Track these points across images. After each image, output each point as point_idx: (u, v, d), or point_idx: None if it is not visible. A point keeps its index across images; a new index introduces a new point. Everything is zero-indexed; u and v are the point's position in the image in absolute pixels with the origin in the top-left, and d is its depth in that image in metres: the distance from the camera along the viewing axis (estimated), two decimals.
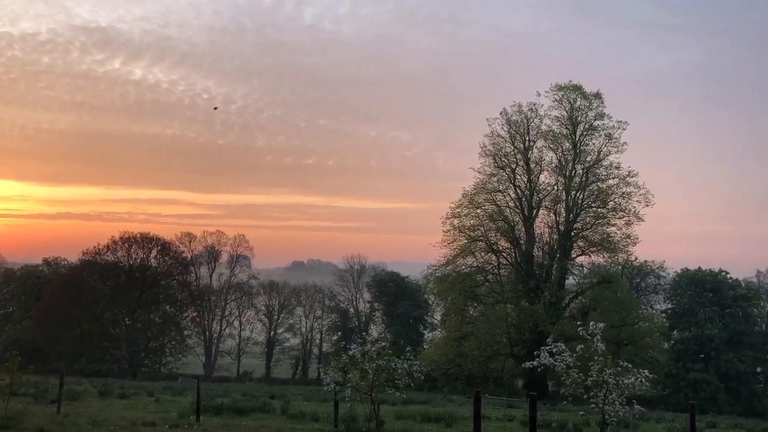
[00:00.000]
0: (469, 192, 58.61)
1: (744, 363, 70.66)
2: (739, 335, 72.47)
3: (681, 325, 74.82)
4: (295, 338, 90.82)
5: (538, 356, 15.53)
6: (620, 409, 14.55)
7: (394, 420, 20.44)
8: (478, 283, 59.97)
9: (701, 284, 75.91)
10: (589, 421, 20.59)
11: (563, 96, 58.06)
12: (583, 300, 58.77)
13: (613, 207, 56.86)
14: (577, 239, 58.63)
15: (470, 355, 54.87)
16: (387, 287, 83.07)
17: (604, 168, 57.72)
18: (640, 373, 14.74)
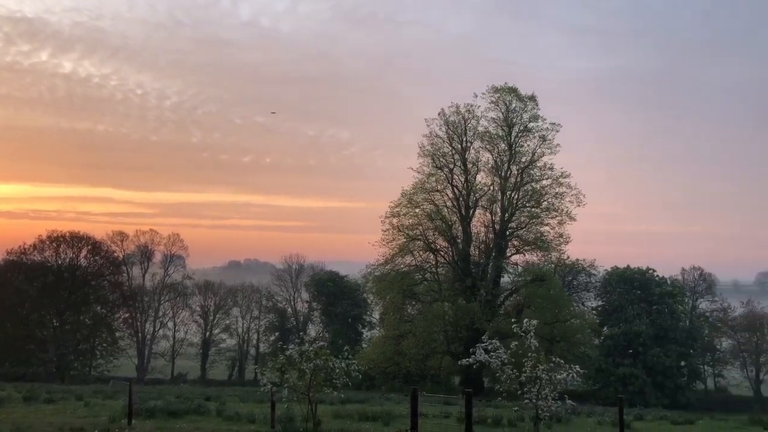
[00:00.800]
0: (408, 191, 59.06)
1: (669, 357, 73.66)
2: (664, 331, 75.41)
3: (611, 321, 77.34)
4: (232, 339, 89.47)
5: (474, 353, 15.78)
6: (553, 404, 14.94)
7: (332, 419, 20.39)
8: (417, 282, 60.50)
9: (630, 282, 78.69)
10: (523, 417, 21.08)
11: (499, 98, 59.14)
12: (517, 297, 60.04)
13: (546, 207, 58.31)
14: (512, 238, 59.86)
15: (408, 354, 55.31)
16: (325, 287, 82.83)
17: (538, 169, 59.10)
18: (571, 368, 15.17)
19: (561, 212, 57.85)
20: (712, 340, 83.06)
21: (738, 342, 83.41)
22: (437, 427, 19.76)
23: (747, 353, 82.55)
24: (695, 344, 79.11)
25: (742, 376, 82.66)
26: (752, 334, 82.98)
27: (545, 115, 59.27)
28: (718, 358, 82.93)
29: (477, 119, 59.41)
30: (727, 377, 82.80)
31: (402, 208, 58.58)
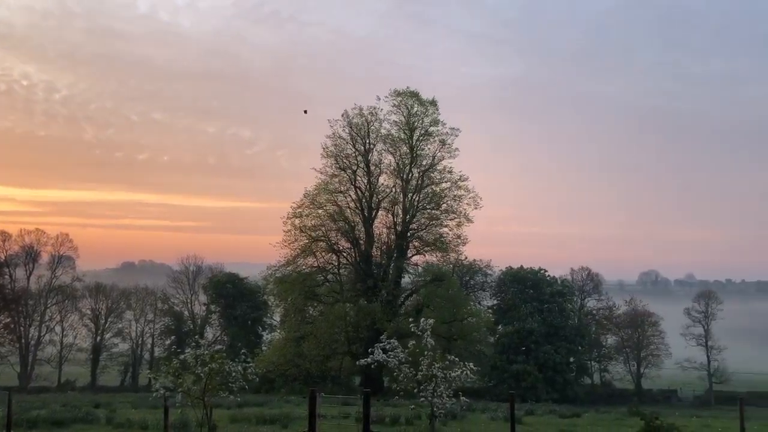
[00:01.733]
0: (311, 192, 58.86)
1: (559, 354, 77.18)
2: (555, 328, 78.89)
3: (505, 320, 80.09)
4: (125, 343, 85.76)
5: (372, 353, 15.95)
6: (447, 401, 15.33)
7: (229, 424, 20.05)
8: (319, 283, 60.37)
9: (523, 282, 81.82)
10: (420, 415, 21.50)
11: (401, 101, 60.02)
12: (417, 297, 61.15)
13: (445, 209, 59.75)
14: (412, 239, 60.89)
15: (309, 355, 55.07)
16: (224, 289, 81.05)
17: (438, 172, 60.45)
18: (465, 366, 15.62)
19: (459, 214, 59.46)
20: (598, 336, 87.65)
21: (622, 338, 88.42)
22: (336, 428, 19.82)
23: (629, 349, 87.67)
24: (583, 341, 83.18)
25: (625, 370, 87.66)
26: (634, 330, 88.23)
27: (445, 120, 60.74)
28: (604, 354, 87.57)
29: (380, 122, 60.10)
30: (611, 372, 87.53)
31: (305, 209, 58.31)
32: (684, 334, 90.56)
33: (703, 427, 24.53)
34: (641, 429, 16.33)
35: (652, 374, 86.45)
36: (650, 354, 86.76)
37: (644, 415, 16.67)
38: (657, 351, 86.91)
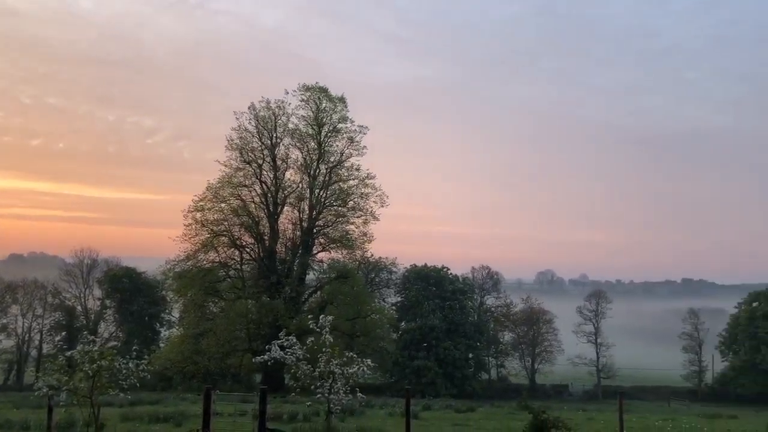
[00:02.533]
0: (214, 185, 57.52)
1: (459, 350, 79.27)
2: (455, 325, 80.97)
3: (408, 316, 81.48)
4: (9, 340, 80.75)
5: (270, 350, 15.85)
6: (344, 397, 15.45)
7: (119, 422, 19.36)
8: (220, 279, 59.16)
9: (426, 279, 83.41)
10: (318, 411, 21.52)
11: (310, 97, 59.72)
12: (322, 294, 61.07)
13: (352, 206, 59.94)
14: (318, 236, 60.75)
15: (208, 352, 53.88)
16: (121, 283, 77.96)
17: (345, 169, 60.58)
18: (363, 362, 15.79)
19: (366, 212, 59.81)
20: (496, 333, 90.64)
21: (518, 335, 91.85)
22: (232, 426, 19.54)
23: (525, 345, 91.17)
24: (482, 337, 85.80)
25: (521, 366, 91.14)
26: (530, 327, 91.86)
27: (354, 118, 60.94)
28: (501, 350, 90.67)
29: (288, 116, 59.58)
30: (507, 367, 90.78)
31: (207, 202, 56.94)
32: (576, 331, 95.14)
33: (588, 420, 25.85)
34: (529, 422, 17.05)
35: (545, 370, 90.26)
36: (544, 350, 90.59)
37: (533, 409, 17.46)
38: (551, 347, 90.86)
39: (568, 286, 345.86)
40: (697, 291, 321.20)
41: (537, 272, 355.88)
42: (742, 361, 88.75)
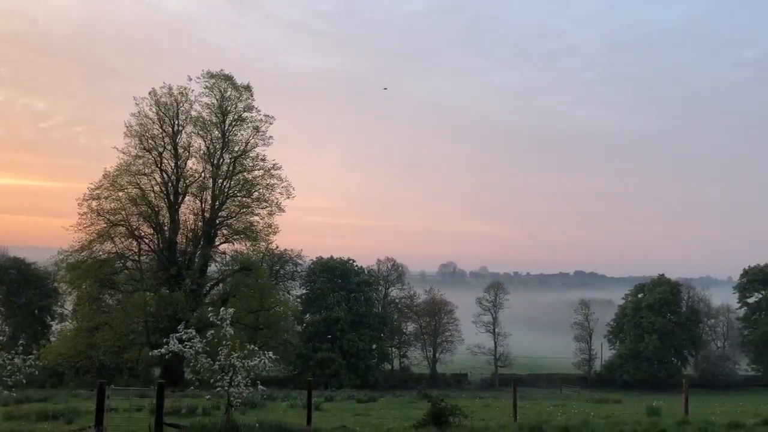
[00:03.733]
0: (112, 173, 55.13)
1: (363, 341, 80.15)
2: (360, 317, 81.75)
3: (313, 308, 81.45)
4: None
5: (168, 343, 15.52)
6: (245, 390, 15.35)
7: (3, 422, 18.40)
8: (117, 270, 56.89)
9: (332, 271, 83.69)
10: (219, 405, 21.25)
11: (214, 84, 58.31)
12: (224, 287, 59.95)
13: (257, 197, 59.09)
14: (221, 227, 59.55)
15: (103, 346, 51.75)
16: (8, 275, 73.55)
17: (250, 159, 59.59)
18: (264, 354, 15.73)
19: (271, 203, 59.08)
20: (399, 324, 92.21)
21: (420, 325, 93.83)
22: (127, 421, 18.98)
23: (427, 335, 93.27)
24: (386, 328, 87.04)
25: (423, 356, 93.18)
26: (432, 318, 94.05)
27: (260, 107, 60.04)
28: (404, 341, 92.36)
29: (191, 103, 57.88)
30: (410, 357, 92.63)
31: (104, 190, 54.50)
32: (475, 321, 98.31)
33: (484, 407, 26.88)
34: (428, 411, 17.56)
35: (446, 359, 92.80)
36: (445, 340, 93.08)
37: (431, 397, 17.95)
38: (451, 337, 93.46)
39: (469, 278, 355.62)
40: (588, 283, 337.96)
41: (440, 264, 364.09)
42: (627, 349, 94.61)
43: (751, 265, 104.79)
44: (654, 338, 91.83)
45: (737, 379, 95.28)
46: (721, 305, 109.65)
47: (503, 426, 16.69)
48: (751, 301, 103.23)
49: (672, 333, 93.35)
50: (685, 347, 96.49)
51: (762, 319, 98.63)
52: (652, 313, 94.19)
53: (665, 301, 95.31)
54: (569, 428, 15.62)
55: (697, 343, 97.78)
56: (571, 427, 15.69)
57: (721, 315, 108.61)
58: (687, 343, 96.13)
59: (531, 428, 15.72)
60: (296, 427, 15.17)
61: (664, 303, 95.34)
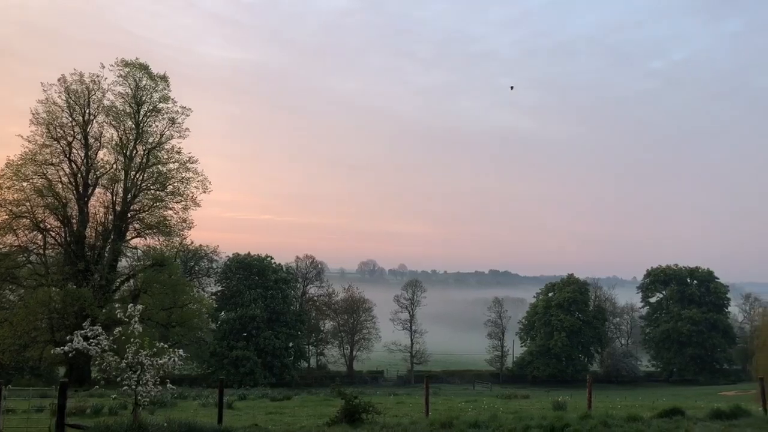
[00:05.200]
0: (15, 162, 52.33)
1: (279, 339, 79.38)
2: (277, 314, 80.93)
3: (229, 306, 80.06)
4: None
5: (71, 341, 14.89)
6: (153, 389, 14.92)
7: None
8: (19, 264, 54.08)
9: (249, 268, 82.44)
10: (126, 404, 20.58)
11: (129, 73, 56.33)
12: (135, 283, 58.05)
13: (172, 191, 57.44)
14: (133, 221, 57.58)
15: (2, 344, 49.02)
16: None
17: (165, 151, 57.92)
18: (174, 353, 15.33)
19: (186, 197, 57.57)
20: (317, 322, 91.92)
21: (338, 323, 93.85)
22: (25, 423, 18.09)
23: (345, 333, 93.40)
24: (303, 326, 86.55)
25: (340, 353, 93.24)
26: (350, 315, 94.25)
27: (176, 98, 58.48)
28: (321, 338, 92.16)
29: (103, 92, 55.77)
30: (327, 355, 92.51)
31: (6, 180, 51.76)
32: (393, 319, 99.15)
33: (398, 403, 27.16)
34: (342, 408, 17.61)
35: (363, 357, 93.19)
36: (363, 338, 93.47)
37: (345, 395, 17.96)
38: (369, 335, 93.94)
39: (388, 275, 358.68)
40: (503, 282, 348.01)
41: (360, 262, 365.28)
42: (538, 346, 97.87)
43: (653, 266, 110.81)
44: (563, 335, 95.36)
45: (638, 375, 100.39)
46: (625, 304, 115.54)
47: (415, 422, 16.92)
48: (653, 301, 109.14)
49: (579, 330, 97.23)
50: (592, 344, 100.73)
51: (662, 317, 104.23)
52: (561, 312, 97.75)
53: (574, 300, 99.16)
54: (479, 423, 15.98)
55: (603, 341, 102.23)
56: (481, 422, 16.06)
57: (625, 314, 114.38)
58: (593, 340, 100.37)
59: (442, 424, 15.98)
60: (207, 426, 14.85)
61: (573, 302, 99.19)
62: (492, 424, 15.96)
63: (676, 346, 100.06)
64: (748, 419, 17.04)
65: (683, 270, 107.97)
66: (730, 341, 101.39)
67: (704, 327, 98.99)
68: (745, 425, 15.83)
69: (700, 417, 17.44)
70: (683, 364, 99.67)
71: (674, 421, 16.70)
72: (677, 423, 16.21)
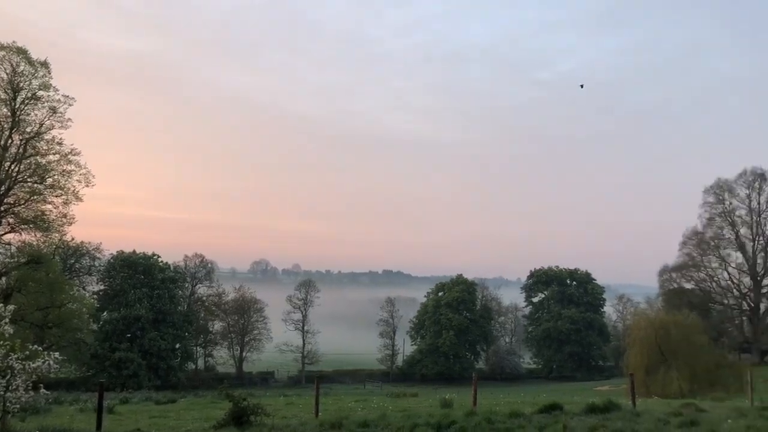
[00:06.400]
0: None
1: (165, 340, 76.77)
2: (163, 314, 78.25)
3: (112, 306, 76.57)
4: None
5: None
6: (24, 395, 14.03)
7: None
8: None
9: (134, 267, 79.19)
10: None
11: (4, 57, 52.41)
12: (8, 281, 54.23)
13: (51, 184, 54.07)
14: (7, 215, 53.78)
15: None
16: None
17: (45, 142, 54.42)
18: (49, 355, 14.51)
19: (67, 191, 54.36)
20: (206, 323, 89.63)
21: (228, 324, 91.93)
22: None
23: (235, 334, 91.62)
24: (191, 327, 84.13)
25: (229, 355, 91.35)
26: (241, 316, 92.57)
27: (59, 86, 55.11)
28: (210, 340, 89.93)
29: None
30: (216, 356, 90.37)
31: None
32: (285, 319, 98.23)
33: (287, 404, 26.96)
34: (229, 410, 17.27)
35: (253, 358, 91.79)
36: (253, 339, 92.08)
37: (233, 396, 17.63)
38: (260, 336, 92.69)
39: (281, 275, 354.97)
40: (395, 281, 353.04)
41: (252, 262, 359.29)
42: (427, 344, 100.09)
43: (536, 267, 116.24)
44: (451, 334, 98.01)
45: (521, 372, 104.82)
46: (510, 304, 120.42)
47: (304, 423, 16.87)
48: (536, 301, 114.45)
49: (467, 329, 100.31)
50: (478, 342, 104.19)
51: (544, 316, 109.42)
52: (450, 311, 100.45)
53: (462, 299, 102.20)
54: (368, 423, 16.14)
55: (489, 339, 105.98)
56: (370, 422, 16.23)
57: (509, 313, 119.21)
58: (480, 338, 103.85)
59: (332, 424, 16.03)
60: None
61: (462, 301, 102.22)
62: (381, 423, 16.18)
63: (556, 344, 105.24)
64: (619, 413, 18.20)
65: (564, 271, 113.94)
66: (604, 339, 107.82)
67: (582, 326, 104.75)
68: (616, 418, 16.86)
69: (576, 412, 18.42)
70: (562, 361, 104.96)
71: (553, 416, 17.57)
72: (556, 418, 17.06)
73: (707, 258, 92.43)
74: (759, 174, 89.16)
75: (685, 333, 52.35)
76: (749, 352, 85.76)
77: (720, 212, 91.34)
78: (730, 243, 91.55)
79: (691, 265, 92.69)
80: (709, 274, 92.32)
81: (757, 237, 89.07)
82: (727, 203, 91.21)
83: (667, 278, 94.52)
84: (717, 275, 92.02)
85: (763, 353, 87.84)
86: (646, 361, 50.88)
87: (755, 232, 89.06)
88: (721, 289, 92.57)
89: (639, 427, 15.12)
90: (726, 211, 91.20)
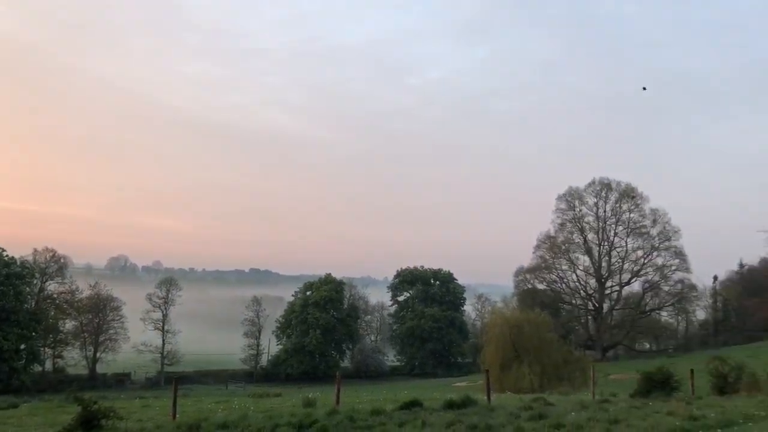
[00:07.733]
0: None
1: (9, 341, 71.25)
2: (7, 313, 72.71)
3: None
4: None
5: None
6: None
7: None
8: None
9: None
10: None
11: None
12: None
13: None
14: None
15: None
16: None
17: None
18: None
19: None
20: (56, 321, 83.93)
21: (81, 323, 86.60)
22: None
23: (88, 333, 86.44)
24: (38, 326, 78.57)
25: (81, 355, 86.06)
26: (95, 315, 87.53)
27: None
28: (60, 340, 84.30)
29: None
30: (66, 358, 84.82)
31: None
32: (144, 318, 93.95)
33: (144, 407, 25.79)
34: (77, 414, 16.35)
35: (108, 359, 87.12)
36: (109, 338, 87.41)
37: (83, 400, 16.69)
38: (116, 335, 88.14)
39: (141, 272, 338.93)
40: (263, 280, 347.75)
41: (110, 257, 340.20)
42: (293, 343, 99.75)
43: (402, 267, 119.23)
44: (318, 333, 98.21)
45: (385, 370, 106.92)
46: (376, 303, 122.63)
47: (160, 426, 16.28)
48: (401, 299, 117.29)
49: (334, 328, 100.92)
50: (344, 341, 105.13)
51: (408, 315, 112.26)
52: (317, 310, 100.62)
53: (330, 298, 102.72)
54: (228, 424, 15.84)
55: (354, 337, 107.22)
56: (230, 423, 15.93)
57: (376, 311, 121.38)
58: (346, 337, 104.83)
59: (189, 426, 15.58)
60: None
61: (329, 300, 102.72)
62: (242, 424, 15.95)
63: (418, 341, 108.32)
64: (475, 408, 19.08)
65: (428, 271, 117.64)
66: (464, 337, 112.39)
67: (443, 324, 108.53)
68: (472, 413, 17.66)
69: (435, 408, 19.09)
70: (424, 358, 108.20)
71: (413, 412, 18.11)
72: (416, 414, 17.60)
73: (558, 261, 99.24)
74: (605, 183, 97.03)
75: (536, 331, 55.69)
76: (593, 348, 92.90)
77: (571, 218, 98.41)
78: (579, 247, 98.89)
79: (544, 267, 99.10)
80: (559, 275, 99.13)
81: (603, 242, 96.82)
82: (577, 210, 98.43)
83: (522, 279, 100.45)
84: (567, 277, 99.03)
85: (605, 350, 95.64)
86: (501, 357, 53.50)
87: (601, 238, 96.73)
88: (570, 290, 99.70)
89: (492, 422, 15.90)
90: (576, 218, 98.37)
